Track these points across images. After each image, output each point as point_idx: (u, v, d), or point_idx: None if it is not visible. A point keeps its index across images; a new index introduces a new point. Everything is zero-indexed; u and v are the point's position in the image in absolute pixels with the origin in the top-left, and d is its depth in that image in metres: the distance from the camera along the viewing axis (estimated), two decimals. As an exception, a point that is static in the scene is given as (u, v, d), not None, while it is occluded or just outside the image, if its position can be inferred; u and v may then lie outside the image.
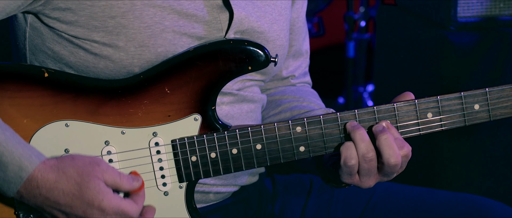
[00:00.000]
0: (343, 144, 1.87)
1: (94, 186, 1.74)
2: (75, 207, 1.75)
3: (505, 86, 1.93)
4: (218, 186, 2.09)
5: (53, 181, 1.74)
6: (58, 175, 1.75)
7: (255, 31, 2.03)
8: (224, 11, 1.99)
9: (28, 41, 1.97)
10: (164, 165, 1.89)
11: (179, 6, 1.93)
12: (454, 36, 3.44)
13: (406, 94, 1.94)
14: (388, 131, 1.86)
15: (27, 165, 1.73)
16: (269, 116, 2.21)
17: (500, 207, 2.15)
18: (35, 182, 1.74)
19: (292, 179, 2.32)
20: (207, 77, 1.89)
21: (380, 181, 1.92)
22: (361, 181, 1.90)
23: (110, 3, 1.87)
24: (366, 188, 1.91)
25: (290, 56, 2.28)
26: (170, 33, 1.92)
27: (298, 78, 2.32)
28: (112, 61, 1.91)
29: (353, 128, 1.88)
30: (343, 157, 1.86)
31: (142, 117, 1.88)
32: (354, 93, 4.93)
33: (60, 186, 1.74)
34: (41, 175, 1.74)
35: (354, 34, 4.84)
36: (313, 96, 2.26)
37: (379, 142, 1.85)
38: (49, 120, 1.85)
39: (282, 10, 2.13)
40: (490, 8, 3.44)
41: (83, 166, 1.76)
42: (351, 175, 1.88)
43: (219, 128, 1.90)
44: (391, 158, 1.84)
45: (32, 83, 1.85)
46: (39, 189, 1.74)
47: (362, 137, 1.86)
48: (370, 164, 1.86)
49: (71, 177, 1.75)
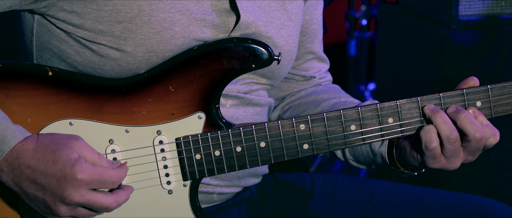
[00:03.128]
0: (422, 128, 1.89)
1: (67, 153, 1.73)
2: (49, 176, 1.73)
3: (506, 83, 1.95)
4: (221, 187, 2.09)
5: (31, 150, 1.74)
6: (36, 144, 1.74)
7: (263, 36, 2.03)
8: (231, 15, 1.99)
9: (35, 37, 1.97)
10: (168, 164, 1.90)
11: (187, 11, 1.93)
12: (456, 34, 3.44)
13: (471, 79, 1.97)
14: (464, 110, 1.89)
15: (10, 139, 1.74)
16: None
17: (501, 207, 2.15)
18: (16, 153, 1.73)
19: (294, 178, 2.32)
20: (211, 75, 1.89)
21: (465, 161, 1.94)
22: (448, 162, 1.91)
23: (116, 8, 1.87)
24: (453, 169, 1.93)
25: (311, 58, 2.29)
26: (180, 38, 1.92)
27: (322, 77, 2.33)
28: (119, 65, 1.91)
29: (433, 111, 1.90)
30: (423, 142, 1.88)
31: (146, 115, 1.88)
32: (355, 92, 4.93)
33: (37, 155, 1.73)
34: (22, 146, 1.74)
35: (355, 33, 4.84)
36: (342, 91, 2.27)
37: (460, 121, 1.88)
38: (53, 118, 1.85)
39: (293, 15, 2.13)
40: (491, 6, 3.45)
41: (61, 138, 1.76)
42: (435, 158, 1.90)
43: (223, 126, 1.91)
44: (476, 133, 1.87)
45: (36, 82, 1.85)
46: (18, 160, 1.73)
47: (444, 119, 1.88)
48: (455, 144, 1.88)
49: (47, 146, 1.74)
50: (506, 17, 3.46)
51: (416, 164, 1.97)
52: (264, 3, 2.06)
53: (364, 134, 1.93)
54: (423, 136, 1.89)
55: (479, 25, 3.46)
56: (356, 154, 2.13)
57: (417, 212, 2.16)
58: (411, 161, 1.97)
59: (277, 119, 2.28)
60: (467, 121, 1.87)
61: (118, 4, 1.87)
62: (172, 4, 1.91)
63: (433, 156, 1.89)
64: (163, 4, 1.90)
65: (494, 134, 1.91)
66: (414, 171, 2.03)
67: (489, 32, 3.44)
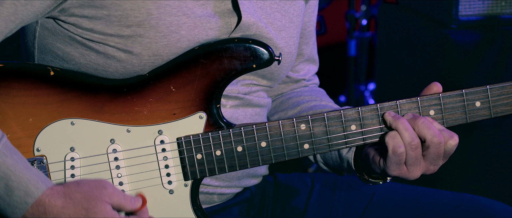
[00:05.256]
0: (387, 134, 1.89)
1: (100, 210, 1.73)
2: None
3: (505, 83, 1.95)
4: (222, 188, 2.09)
5: (60, 207, 1.72)
6: (65, 201, 1.73)
7: (263, 37, 2.03)
8: (233, 16, 1.99)
9: (37, 40, 1.97)
10: (170, 163, 1.90)
11: (193, 14, 1.94)
12: (456, 34, 3.44)
13: (433, 84, 1.96)
14: (421, 116, 1.89)
15: (34, 191, 1.71)
16: (289, 116, 2.21)
17: (501, 207, 2.15)
18: (42, 208, 1.72)
19: (294, 177, 2.32)
20: (212, 75, 1.90)
21: (426, 172, 1.94)
22: (408, 171, 1.91)
23: (126, 13, 1.88)
24: (412, 179, 1.93)
25: (302, 60, 2.29)
26: (185, 42, 1.93)
27: (309, 80, 2.33)
28: (123, 67, 1.91)
29: (394, 118, 1.90)
30: (391, 147, 1.88)
31: (148, 115, 1.89)
32: (355, 92, 4.93)
33: (67, 211, 1.72)
34: (49, 201, 1.72)
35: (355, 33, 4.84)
36: (326, 96, 2.27)
37: (418, 127, 1.88)
38: (54, 118, 1.86)
39: (294, 17, 2.13)
40: (491, 6, 3.45)
41: (90, 190, 1.74)
42: (400, 164, 1.90)
43: (224, 126, 1.91)
44: (434, 137, 1.87)
45: (38, 82, 1.86)
46: (46, 215, 1.72)
47: (405, 126, 1.88)
48: (416, 151, 1.88)
49: (78, 202, 1.73)
50: (506, 17, 3.46)
51: (378, 171, 1.97)
52: (266, 4, 2.06)
53: (364, 134, 1.94)
54: (389, 141, 1.89)
55: (479, 25, 3.46)
56: (325, 157, 2.14)
57: (417, 212, 2.16)
58: (374, 168, 1.98)
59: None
60: (425, 127, 1.88)
61: (128, 9, 1.88)
62: (179, 7, 1.92)
63: (399, 162, 1.89)
64: (170, 8, 1.91)
65: (452, 136, 1.90)
66: (377, 180, 2.04)
67: (489, 32, 3.44)
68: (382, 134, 1.93)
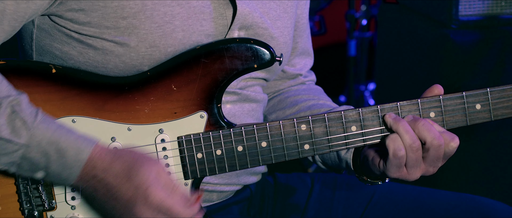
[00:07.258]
0: (388, 136, 1.90)
1: (144, 172, 1.75)
2: (122, 192, 1.75)
3: (506, 86, 1.95)
4: (221, 186, 2.10)
5: (108, 162, 1.76)
6: (114, 157, 1.77)
7: (259, 27, 2.04)
8: (229, 7, 1.99)
9: (34, 42, 1.97)
10: (170, 162, 1.91)
11: (187, 4, 1.94)
12: (456, 34, 3.45)
13: (435, 87, 1.96)
14: (421, 118, 1.90)
15: (85, 147, 1.76)
16: (286, 115, 2.22)
17: (501, 207, 2.15)
18: (92, 163, 1.76)
19: (294, 177, 2.32)
20: (213, 75, 1.90)
21: (425, 174, 1.94)
22: (408, 173, 1.92)
23: (122, 4, 1.88)
24: (412, 180, 1.93)
25: (297, 54, 2.29)
26: (180, 32, 1.93)
27: (306, 77, 2.34)
28: (122, 61, 1.92)
29: (395, 120, 1.90)
30: (391, 149, 1.88)
31: (149, 113, 1.89)
32: (355, 92, 4.94)
33: (114, 167, 1.76)
34: (98, 156, 1.76)
35: (355, 33, 4.84)
36: (324, 94, 2.28)
37: (418, 129, 1.88)
38: (56, 116, 1.86)
39: (288, 7, 2.13)
40: (491, 6, 3.45)
41: (141, 155, 1.79)
42: (400, 167, 1.90)
43: (225, 126, 1.91)
44: (434, 140, 1.87)
45: (40, 79, 1.86)
46: (94, 170, 1.76)
47: (406, 128, 1.88)
48: (417, 154, 1.88)
49: (125, 160, 1.77)
50: (506, 17, 3.47)
51: (377, 173, 1.97)
52: None
53: (365, 135, 1.94)
54: (390, 144, 1.89)
55: (479, 25, 3.46)
56: (324, 157, 2.14)
57: (417, 212, 2.17)
58: (373, 169, 1.98)
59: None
60: (425, 129, 1.88)
61: (123, 0, 1.88)
62: None
63: (400, 164, 1.90)
64: None
65: (453, 138, 1.90)
66: (375, 180, 2.04)
67: (489, 32, 3.44)
68: (383, 135, 1.93)
